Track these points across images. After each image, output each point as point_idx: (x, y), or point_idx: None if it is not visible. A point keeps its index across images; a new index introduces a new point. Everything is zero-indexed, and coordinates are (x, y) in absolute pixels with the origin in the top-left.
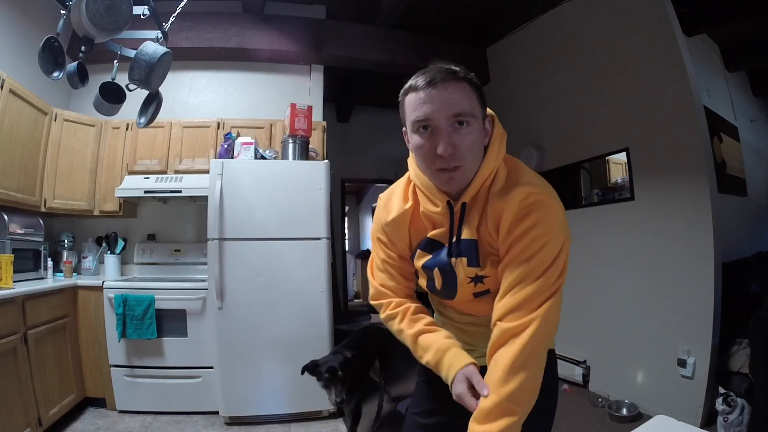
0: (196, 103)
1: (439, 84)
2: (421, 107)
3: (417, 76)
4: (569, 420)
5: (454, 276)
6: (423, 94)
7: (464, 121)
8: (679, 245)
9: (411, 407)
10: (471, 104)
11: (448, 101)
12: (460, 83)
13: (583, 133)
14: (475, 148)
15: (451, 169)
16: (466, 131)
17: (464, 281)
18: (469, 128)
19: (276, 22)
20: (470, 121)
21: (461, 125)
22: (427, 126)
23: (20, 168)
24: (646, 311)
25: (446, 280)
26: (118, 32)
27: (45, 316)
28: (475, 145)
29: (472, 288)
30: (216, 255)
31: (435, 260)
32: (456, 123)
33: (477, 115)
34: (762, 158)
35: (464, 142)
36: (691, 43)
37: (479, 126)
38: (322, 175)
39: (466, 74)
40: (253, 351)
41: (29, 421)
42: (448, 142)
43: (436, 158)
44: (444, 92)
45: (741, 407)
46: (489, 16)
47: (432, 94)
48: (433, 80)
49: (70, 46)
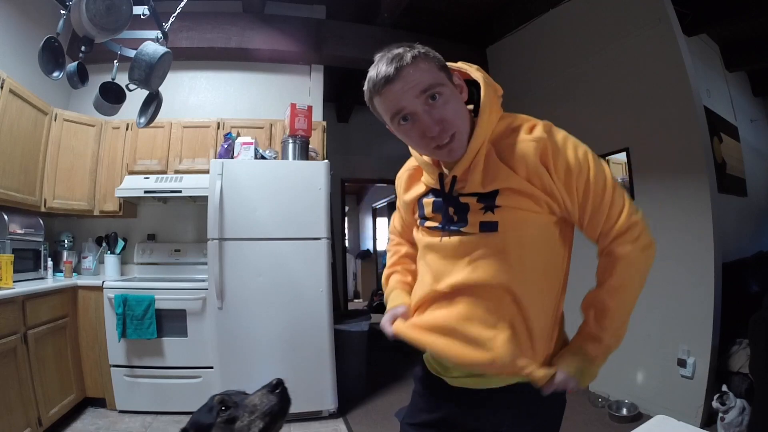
0: (196, 103)
1: (396, 76)
2: (391, 104)
3: (372, 74)
4: (569, 420)
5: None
6: (386, 92)
7: (434, 94)
8: (679, 245)
9: (407, 417)
10: (431, 75)
11: (411, 85)
12: (414, 63)
13: (582, 133)
14: (459, 111)
15: (446, 141)
16: (441, 101)
17: (476, 207)
18: (442, 98)
19: (276, 22)
20: (440, 90)
21: (434, 99)
22: (406, 116)
23: (20, 168)
24: (646, 311)
25: (459, 212)
26: (118, 32)
27: (45, 316)
28: (457, 108)
29: (481, 216)
30: (216, 255)
31: None
32: (428, 99)
33: (442, 81)
34: (762, 158)
35: (446, 112)
36: (691, 43)
37: (451, 89)
38: (322, 175)
39: (413, 52)
40: (253, 351)
41: (29, 421)
42: (432, 120)
43: (429, 140)
44: (403, 81)
45: (741, 407)
46: (489, 16)
47: (394, 88)
48: (388, 76)
49: (70, 46)
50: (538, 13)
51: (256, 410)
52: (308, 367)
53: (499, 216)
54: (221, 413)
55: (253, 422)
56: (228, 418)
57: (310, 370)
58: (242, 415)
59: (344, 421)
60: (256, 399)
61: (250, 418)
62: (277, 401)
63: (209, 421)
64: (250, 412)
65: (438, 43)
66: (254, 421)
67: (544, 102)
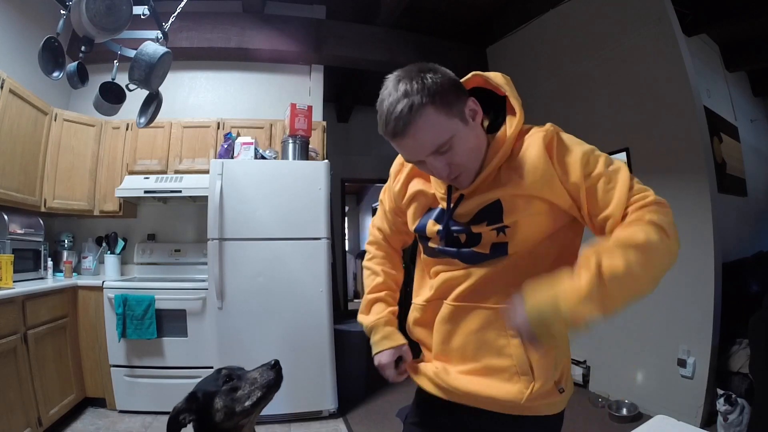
0: (196, 103)
1: (404, 133)
2: (403, 153)
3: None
4: (569, 420)
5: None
6: (395, 144)
7: (444, 150)
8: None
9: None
10: (440, 131)
11: (420, 144)
12: (421, 119)
13: (583, 133)
14: (468, 152)
15: (455, 178)
16: (451, 153)
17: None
18: (452, 150)
19: (276, 22)
20: (450, 144)
21: (444, 152)
22: (418, 161)
23: (20, 168)
24: (646, 311)
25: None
26: (118, 32)
27: (45, 316)
28: (466, 151)
29: (494, 237)
30: (216, 255)
31: None
32: (438, 154)
33: (453, 131)
34: (762, 158)
35: (454, 158)
36: (691, 43)
37: (462, 132)
38: (322, 175)
39: (421, 99)
40: (253, 351)
41: (29, 421)
42: (441, 165)
43: (438, 176)
44: (413, 139)
45: (741, 407)
46: (489, 16)
47: (402, 144)
48: (395, 133)
49: (70, 46)
50: (538, 13)
51: (256, 382)
52: (308, 367)
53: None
54: (226, 383)
55: (252, 392)
56: (231, 387)
57: (310, 370)
58: (243, 385)
59: (344, 421)
60: (256, 373)
61: (251, 388)
62: (274, 376)
63: (215, 388)
64: (251, 383)
65: (438, 43)
66: (254, 390)
67: (544, 102)
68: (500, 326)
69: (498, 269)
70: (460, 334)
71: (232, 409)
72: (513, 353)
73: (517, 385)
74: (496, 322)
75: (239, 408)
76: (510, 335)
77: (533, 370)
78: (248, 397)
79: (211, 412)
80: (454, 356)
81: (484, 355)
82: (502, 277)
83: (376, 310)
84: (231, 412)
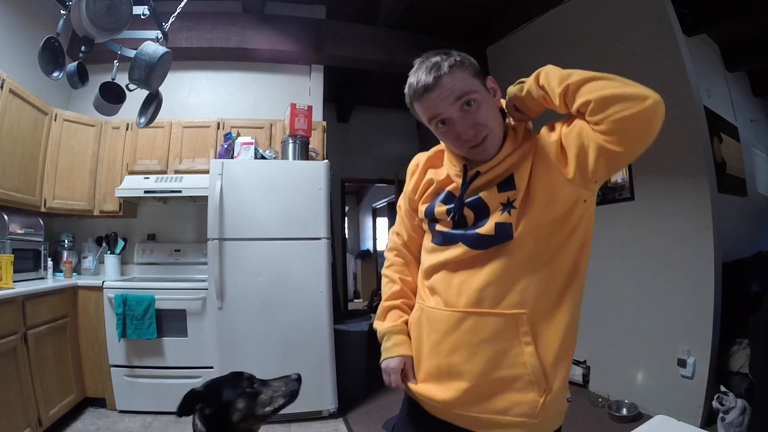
0: (196, 103)
1: (434, 85)
2: (429, 110)
3: (412, 81)
4: (569, 420)
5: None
6: (425, 100)
7: (469, 101)
8: (679, 245)
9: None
10: (466, 83)
11: (447, 93)
12: (450, 73)
13: None
14: (491, 114)
15: (480, 142)
16: (475, 107)
17: (496, 207)
18: (476, 104)
19: (276, 22)
20: (474, 96)
21: (469, 105)
22: (443, 120)
23: (20, 168)
24: (646, 311)
25: (478, 213)
26: (118, 32)
27: (45, 316)
28: (490, 112)
29: (499, 216)
30: (216, 255)
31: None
32: (463, 105)
33: (476, 88)
34: (762, 158)
35: (479, 117)
36: (691, 43)
37: (484, 94)
38: (322, 175)
39: (450, 60)
40: (253, 351)
41: (29, 421)
42: (466, 125)
43: (463, 141)
44: (441, 89)
45: (741, 407)
46: (489, 16)
47: (432, 97)
48: (427, 85)
49: (70, 46)
50: (538, 13)
51: (280, 390)
52: (308, 367)
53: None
54: (249, 386)
55: (275, 398)
56: (255, 390)
57: (310, 370)
58: (266, 391)
59: (344, 421)
60: (281, 383)
61: (273, 395)
62: (297, 388)
63: (239, 389)
64: (274, 391)
65: (438, 43)
66: (276, 398)
67: None
68: (513, 334)
69: (504, 264)
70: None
71: (252, 412)
72: (527, 361)
73: (530, 394)
74: (509, 330)
75: (260, 412)
76: (524, 342)
77: (547, 378)
78: (270, 402)
79: (230, 410)
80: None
81: (495, 368)
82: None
83: (391, 317)
84: (250, 414)
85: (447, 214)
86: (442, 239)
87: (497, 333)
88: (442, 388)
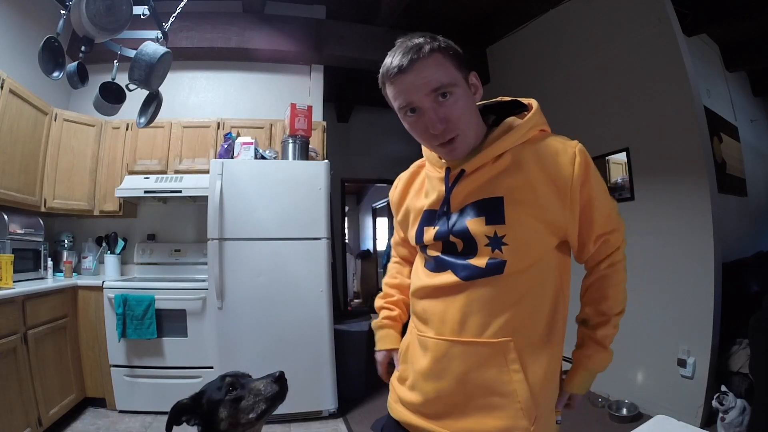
0: (196, 103)
1: (409, 68)
2: (400, 95)
3: (387, 61)
4: (569, 420)
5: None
6: (397, 81)
7: (446, 92)
8: (679, 245)
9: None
10: (446, 73)
11: (423, 81)
12: (430, 57)
13: (583, 133)
14: (467, 113)
15: (448, 141)
16: (451, 101)
17: (482, 242)
18: (453, 97)
19: (276, 22)
20: (451, 90)
21: (444, 97)
22: (413, 108)
23: (20, 168)
24: (646, 311)
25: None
26: (118, 32)
27: (45, 316)
28: (465, 110)
29: (489, 252)
30: (216, 255)
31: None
32: (438, 96)
33: (456, 81)
34: (762, 158)
35: (452, 112)
36: (691, 43)
37: (464, 90)
38: (322, 175)
39: (433, 44)
40: (253, 351)
41: (29, 421)
42: (436, 118)
43: (431, 136)
44: (416, 74)
45: (741, 407)
46: (489, 16)
47: (406, 80)
48: (401, 66)
49: (70, 46)
50: (538, 13)
51: (261, 394)
52: (308, 367)
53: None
54: (229, 393)
55: (257, 404)
56: (235, 397)
57: (310, 370)
58: (248, 396)
59: (344, 421)
60: (261, 385)
61: (255, 400)
62: (278, 390)
63: (219, 397)
64: (255, 395)
65: None
66: (258, 403)
67: (544, 102)
68: (501, 362)
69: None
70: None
71: (236, 420)
72: (516, 389)
73: (521, 422)
74: (496, 358)
75: (244, 419)
76: (512, 370)
77: (537, 404)
78: (252, 409)
79: (215, 420)
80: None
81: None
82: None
83: (382, 314)
84: (235, 422)
85: (434, 238)
86: (434, 265)
87: (484, 361)
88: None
